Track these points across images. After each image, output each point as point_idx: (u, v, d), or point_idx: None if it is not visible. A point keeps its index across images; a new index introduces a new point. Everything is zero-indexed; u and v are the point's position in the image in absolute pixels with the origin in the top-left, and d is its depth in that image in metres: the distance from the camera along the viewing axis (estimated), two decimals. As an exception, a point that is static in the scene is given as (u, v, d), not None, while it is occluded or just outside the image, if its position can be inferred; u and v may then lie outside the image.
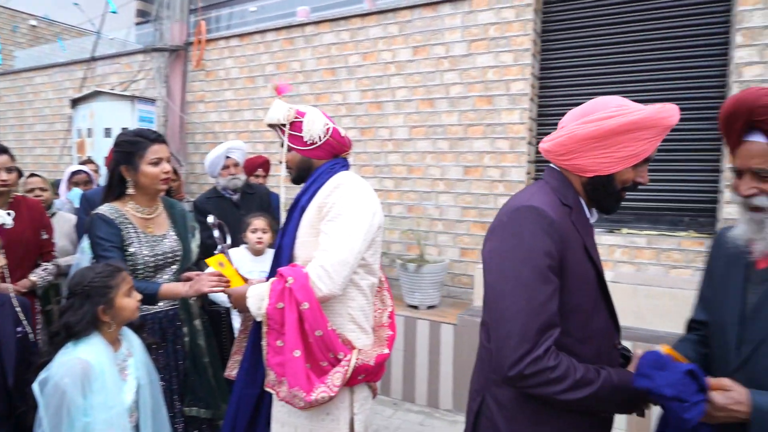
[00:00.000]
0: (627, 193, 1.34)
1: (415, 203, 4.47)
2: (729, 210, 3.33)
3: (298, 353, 1.58)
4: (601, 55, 3.95)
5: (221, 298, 2.96)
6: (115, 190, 2.12)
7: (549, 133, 1.39)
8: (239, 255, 3.07)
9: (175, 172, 3.45)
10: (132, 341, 1.83)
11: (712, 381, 1.16)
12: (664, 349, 1.23)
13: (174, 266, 2.20)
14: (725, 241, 1.37)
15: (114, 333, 1.74)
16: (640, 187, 1.34)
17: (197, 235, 2.38)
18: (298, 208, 1.83)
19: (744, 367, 1.23)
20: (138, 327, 1.88)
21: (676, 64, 3.72)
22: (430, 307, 3.92)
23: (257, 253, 3.01)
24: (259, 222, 3.01)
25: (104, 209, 2.07)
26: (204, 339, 2.27)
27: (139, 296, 1.81)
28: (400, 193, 4.54)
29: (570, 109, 1.37)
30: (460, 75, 4.26)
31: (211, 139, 5.59)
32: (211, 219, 2.04)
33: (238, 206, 3.45)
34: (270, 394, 1.77)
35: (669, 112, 1.25)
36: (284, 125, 1.88)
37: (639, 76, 3.81)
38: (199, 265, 2.38)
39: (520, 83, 4.02)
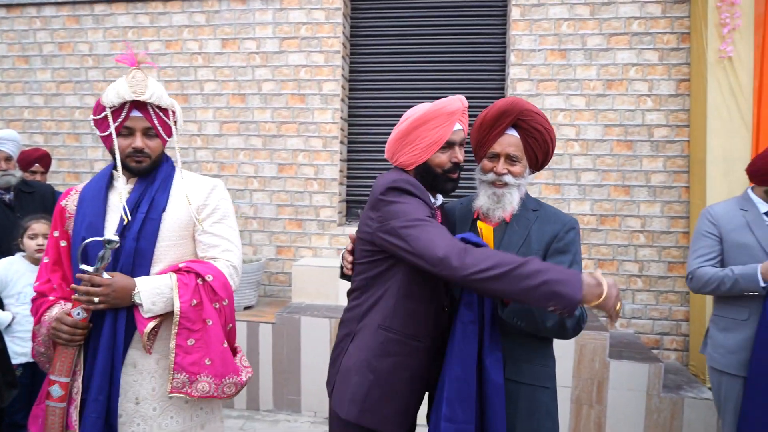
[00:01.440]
0: (453, 173, 1.61)
1: (228, 202, 4.30)
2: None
3: (226, 344, 1.63)
4: (402, 62, 4.29)
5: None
6: None
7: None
8: (15, 265, 2.63)
9: None
10: None
11: None
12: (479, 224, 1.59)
13: None
14: (452, 211, 1.79)
15: None
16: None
17: None
18: (156, 207, 1.65)
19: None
20: None
21: (464, 75, 4.22)
22: (247, 308, 3.83)
23: (38, 262, 2.60)
24: (39, 226, 2.60)
25: None
26: None
27: None
28: (212, 192, 4.32)
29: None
30: (273, 72, 4.22)
31: (-30, 127, 4.63)
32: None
33: (12, 207, 2.94)
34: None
35: (444, 103, 1.56)
36: (165, 108, 1.66)
37: (434, 84, 4.22)
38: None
39: (331, 84, 4.14)
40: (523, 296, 1.30)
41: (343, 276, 1.79)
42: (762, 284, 2.14)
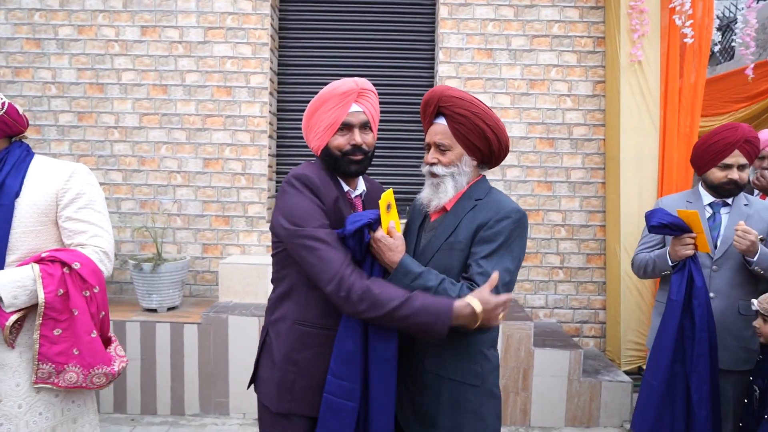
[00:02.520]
0: (355, 155, 1.60)
1: (149, 198, 4.09)
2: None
3: (94, 334, 1.62)
4: (332, 57, 4.25)
5: None
6: None
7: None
8: None
9: None
10: None
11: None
12: (388, 191, 1.58)
13: None
14: (415, 203, 1.80)
15: None
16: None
17: None
18: (7, 192, 1.60)
19: None
20: None
21: (395, 72, 4.25)
22: (170, 309, 3.66)
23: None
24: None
25: None
26: None
27: None
28: (131, 187, 4.09)
29: (306, 105, 1.60)
30: (197, 62, 4.04)
31: None
32: None
33: None
34: None
35: (337, 84, 1.61)
36: None
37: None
38: None
39: (259, 76, 4.03)
40: (399, 329, 1.49)
41: None
42: (670, 263, 2.30)
